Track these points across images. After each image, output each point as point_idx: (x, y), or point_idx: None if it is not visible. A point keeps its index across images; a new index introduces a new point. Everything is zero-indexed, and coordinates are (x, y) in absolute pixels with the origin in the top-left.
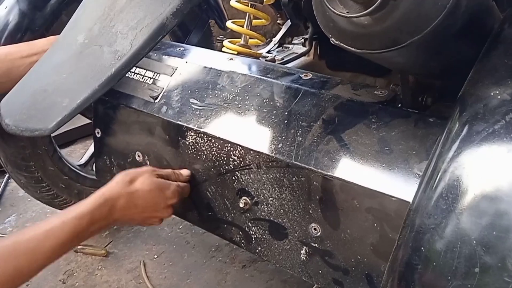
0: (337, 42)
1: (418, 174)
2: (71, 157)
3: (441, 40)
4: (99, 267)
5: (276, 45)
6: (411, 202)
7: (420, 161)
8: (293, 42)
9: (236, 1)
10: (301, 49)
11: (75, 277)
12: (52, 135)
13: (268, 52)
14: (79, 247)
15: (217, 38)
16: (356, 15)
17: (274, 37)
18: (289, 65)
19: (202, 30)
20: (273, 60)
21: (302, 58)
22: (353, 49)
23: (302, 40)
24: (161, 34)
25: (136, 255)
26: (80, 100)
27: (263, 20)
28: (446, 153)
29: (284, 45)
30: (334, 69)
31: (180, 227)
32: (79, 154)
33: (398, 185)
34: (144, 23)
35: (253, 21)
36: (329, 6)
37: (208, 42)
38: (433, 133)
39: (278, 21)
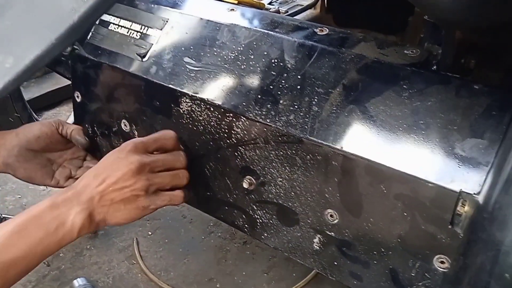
0: None
1: (460, 155)
2: None
3: None
4: (88, 247)
5: None
6: (481, 204)
7: (463, 138)
8: None
9: None
10: (306, 1)
11: (61, 258)
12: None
13: (270, 3)
14: None
15: None
16: None
17: None
18: None
19: None
20: (277, 13)
21: (308, 11)
22: None
23: None
24: None
25: (128, 232)
26: (31, 58)
27: None
28: None
29: None
30: (342, 25)
31: None
32: (65, 117)
33: (436, 168)
34: None
35: None
36: None
37: None
38: (479, 104)
39: None
